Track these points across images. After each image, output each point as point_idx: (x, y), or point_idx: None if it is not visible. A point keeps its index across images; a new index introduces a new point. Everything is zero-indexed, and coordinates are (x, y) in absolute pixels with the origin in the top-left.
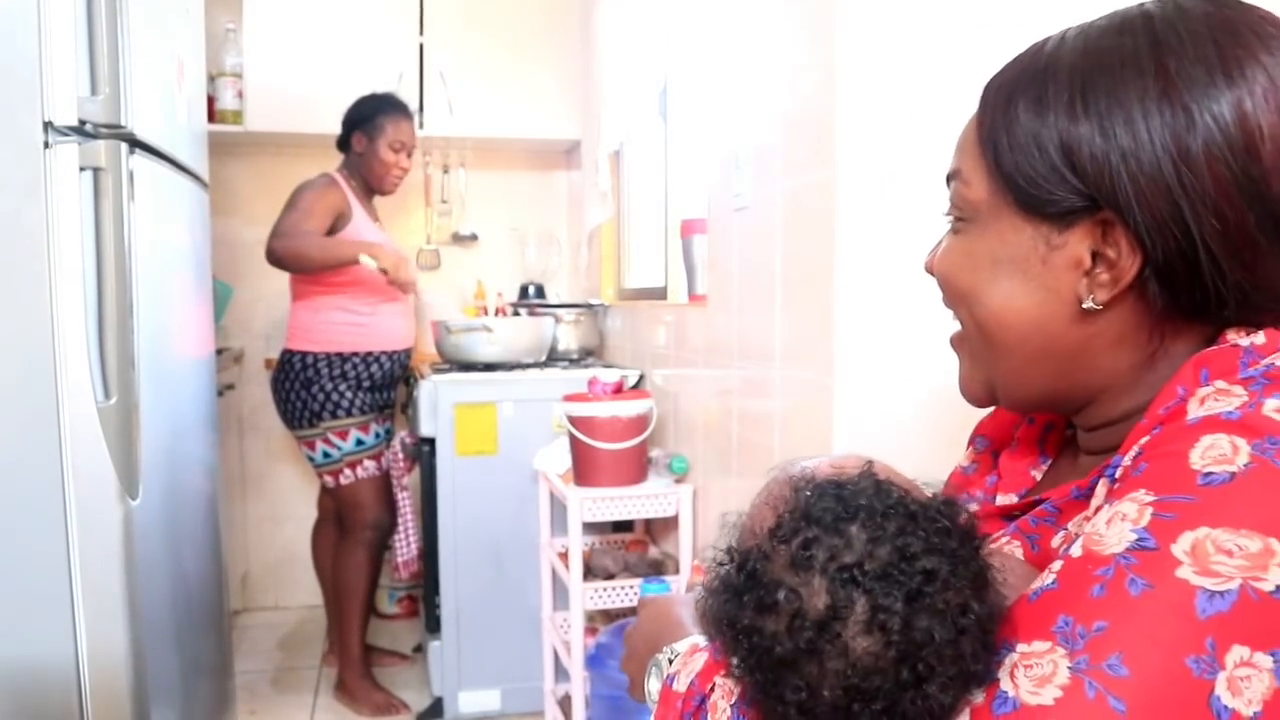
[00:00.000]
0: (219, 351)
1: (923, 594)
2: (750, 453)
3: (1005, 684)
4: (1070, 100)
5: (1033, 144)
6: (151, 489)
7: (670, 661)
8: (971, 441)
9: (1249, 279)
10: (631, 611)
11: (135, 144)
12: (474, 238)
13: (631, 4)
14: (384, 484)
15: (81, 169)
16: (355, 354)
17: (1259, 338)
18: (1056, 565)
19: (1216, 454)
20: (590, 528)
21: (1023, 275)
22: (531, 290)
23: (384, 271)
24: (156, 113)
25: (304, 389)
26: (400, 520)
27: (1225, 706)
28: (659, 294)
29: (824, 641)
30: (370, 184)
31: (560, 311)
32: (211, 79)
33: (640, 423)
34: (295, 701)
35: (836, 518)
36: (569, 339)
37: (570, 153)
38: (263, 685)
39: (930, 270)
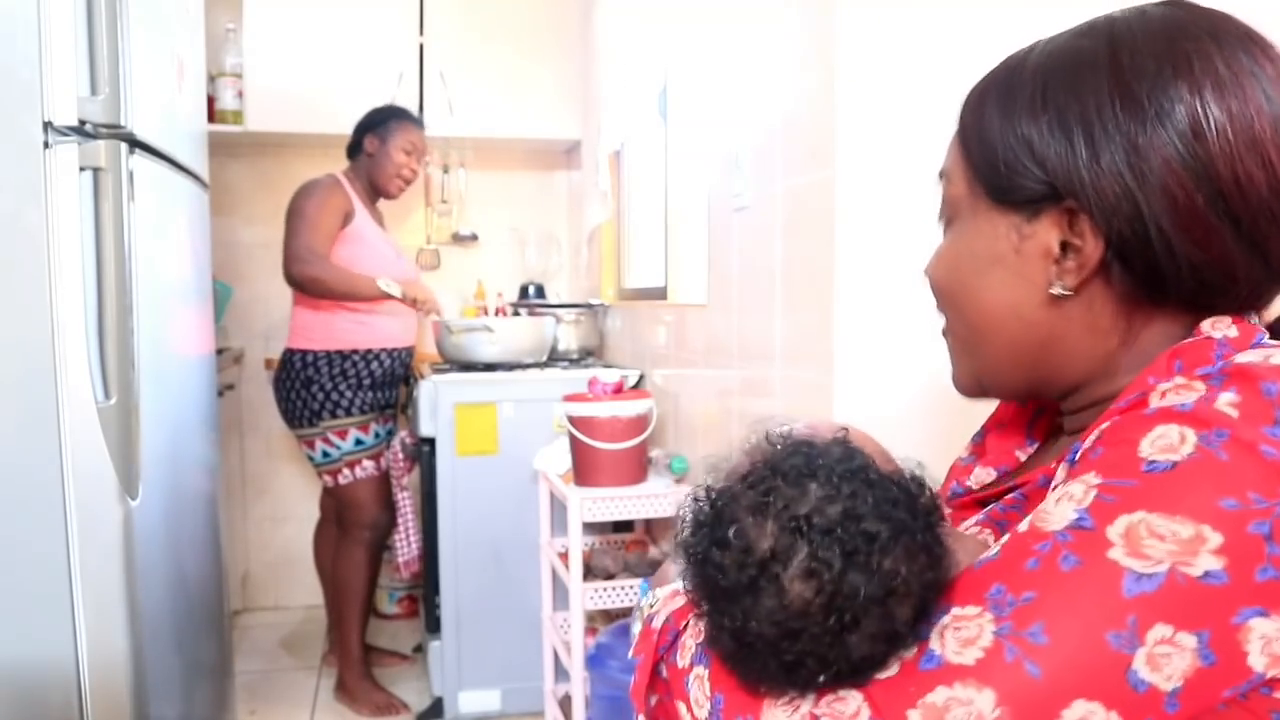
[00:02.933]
0: (219, 351)
1: (859, 553)
2: None
3: (934, 643)
4: (1032, 96)
5: (999, 137)
6: (151, 489)
7: (651, 605)
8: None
9: (1202, 257)
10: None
11: (135, 144)
12: (474, 238)
13: (631, 4)
14: (383, 484)
15: (81, 169)
16: (355, 351)
17: (1231, 330)
18: (1005, 538)
19: (1164, 443)
20: (590, 528)
21: (1000, 267)
22: (531, 290)
23: (405, 298)
24: (156, 113)
25: (304, 388)
26: (401, 520)
27: (1142, 680)
28: (659, 294)
29: (764, 580)
30: (377, 186)
31: (560, 311)
32: (211, 79)
33: (640, 423)
34: (295, 701)
35: (799, 473)
36: (569, 339)
37: (570, 153)
38: (263, 685)
39: (927, 274)
